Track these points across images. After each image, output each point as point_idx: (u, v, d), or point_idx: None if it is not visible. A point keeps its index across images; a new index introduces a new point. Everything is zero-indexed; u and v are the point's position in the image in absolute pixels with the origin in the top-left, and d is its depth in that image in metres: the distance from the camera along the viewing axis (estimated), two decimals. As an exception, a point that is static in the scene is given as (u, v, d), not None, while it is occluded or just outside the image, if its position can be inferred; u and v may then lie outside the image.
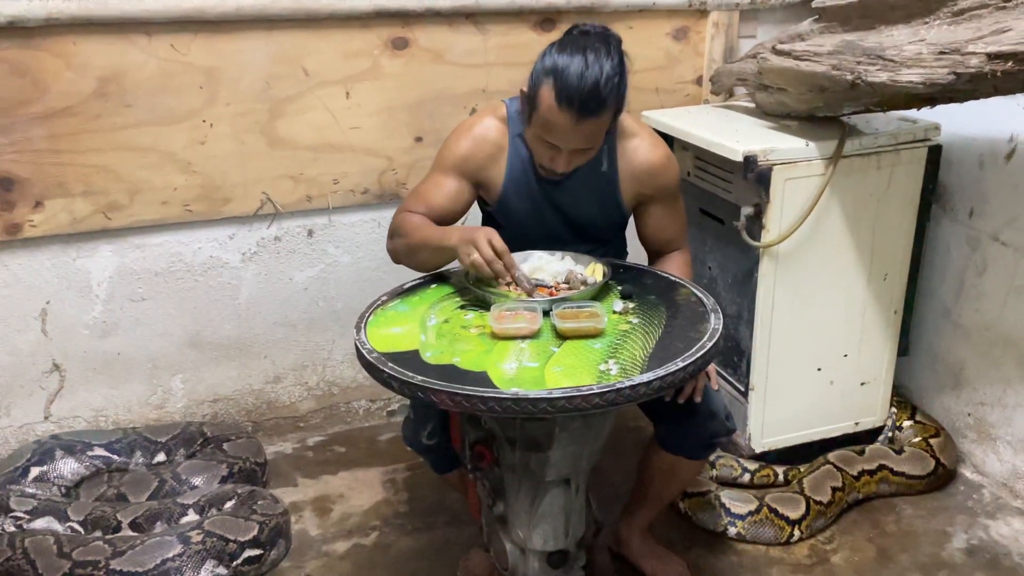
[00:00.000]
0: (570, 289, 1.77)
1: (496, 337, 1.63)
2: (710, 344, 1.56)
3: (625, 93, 1.78)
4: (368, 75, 2.50)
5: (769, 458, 2.49)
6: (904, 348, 2.55)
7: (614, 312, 1.73)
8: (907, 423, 2.58)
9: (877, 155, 2.27)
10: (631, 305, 1.76)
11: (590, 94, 1.68)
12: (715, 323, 1.65)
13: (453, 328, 1.69)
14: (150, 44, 2.29)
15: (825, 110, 2.26)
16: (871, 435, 2.59)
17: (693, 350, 1.55)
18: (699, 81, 2.83)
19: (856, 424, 2.55)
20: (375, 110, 2.54)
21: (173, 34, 2.29)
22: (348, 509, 2.44)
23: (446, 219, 1.96)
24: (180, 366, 2.62)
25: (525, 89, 1.82)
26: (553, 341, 1.62)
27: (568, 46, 1.73)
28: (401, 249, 1.94)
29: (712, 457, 2.44)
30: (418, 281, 1.94)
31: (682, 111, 2.68)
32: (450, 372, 1.51)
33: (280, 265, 2.62)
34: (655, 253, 2.12)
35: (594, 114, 1.72)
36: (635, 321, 1.69)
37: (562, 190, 1.98)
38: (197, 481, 2.36)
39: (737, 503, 2.27)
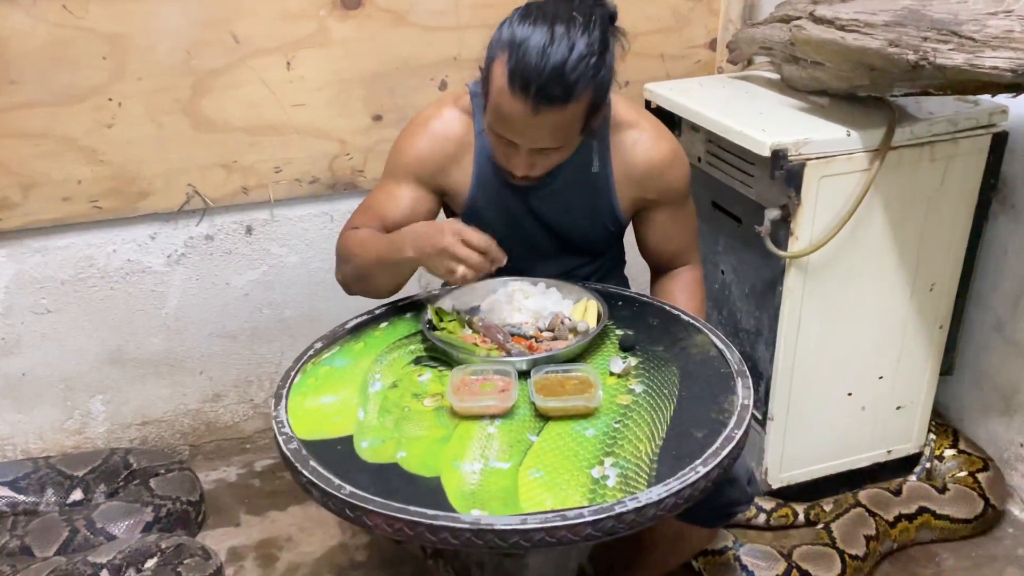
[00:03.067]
0: (555, 339, 1.38)
1: (457, 416, 1.24)
2: (739, 433, 1.18)
3: (606, 81, 1.38)
4: (313, 41, 2.08)
5: (785, 493, 2.15)
6: (948, 367, 2.18)
7: (611, 374, 1.33)
8: (949, 452, 2.22)
9: (931, 145, 1.86)
10: (633, 362, 1.36)
11: (551, 77, 1.30)
12: (743, 395, 1.26)
13: (402, 398, 1.30)
14: (36, 6, 1.86)
15: (870, 89, 1.83)
16: (904, 463, 2.24)
17: (719, 443, 1.16)
18: (712, 45, 2.39)
19: (888, 452, 2.20)
20: (323, 83, 2.12)
21: (64, -8, 1.86)
22: (297, 557, 2.09)
23: None
24: (99, 386, 2.24)
25: (482, 66, 1.42)
26: (531, 422, 1.23)
27: (535, 12, 1.33)
28: (351, 278, 1.55)
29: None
30: (364, 318, 1.54)
31: (692, 83, 2.24)
32: (391, 476, 1.13)
33: (214, 268, 2.22)
34: (660, 268, 1.78)
35: (555, 103, 1.33)
36: (639, 390, 1.29)
37: (543, 197, 1.60)
38: (115, 530, 2.00)
39: (760, 563, 1.91)
